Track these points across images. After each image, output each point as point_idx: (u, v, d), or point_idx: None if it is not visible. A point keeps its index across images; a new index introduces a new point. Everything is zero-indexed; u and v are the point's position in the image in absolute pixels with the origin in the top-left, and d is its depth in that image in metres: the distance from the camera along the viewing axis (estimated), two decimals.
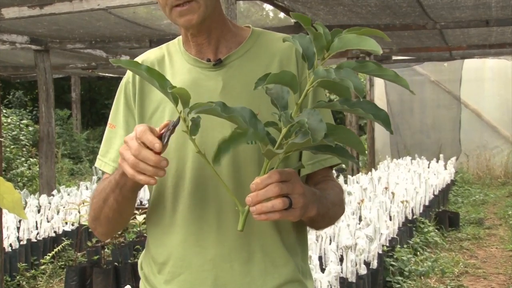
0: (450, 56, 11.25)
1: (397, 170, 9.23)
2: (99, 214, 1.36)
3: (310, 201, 1.18)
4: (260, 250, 1.33)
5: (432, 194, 7.75)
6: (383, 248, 4.87)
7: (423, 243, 6.17)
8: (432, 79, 12.69)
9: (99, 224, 1.39)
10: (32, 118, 13.65)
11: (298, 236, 1.40)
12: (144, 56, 1.45)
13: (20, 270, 5.30)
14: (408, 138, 12.79)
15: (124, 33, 7.51)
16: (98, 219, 1.37)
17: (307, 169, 1.36)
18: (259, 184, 1.10)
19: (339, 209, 1.37)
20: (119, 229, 1.44)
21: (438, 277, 5.26)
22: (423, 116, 12.83)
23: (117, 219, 1.36)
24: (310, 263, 3.58)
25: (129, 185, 1.27)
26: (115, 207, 1.32)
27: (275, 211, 1.10)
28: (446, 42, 9.27)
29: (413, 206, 6.65)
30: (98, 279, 4.63)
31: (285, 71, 1.12)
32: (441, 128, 12.57)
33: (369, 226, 4.82)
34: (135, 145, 1.14)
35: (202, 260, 1.32)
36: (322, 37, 1.07)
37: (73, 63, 10.88)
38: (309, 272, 1.45)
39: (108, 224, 1.37)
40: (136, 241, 5.56)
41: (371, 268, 4.38)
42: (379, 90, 12.72)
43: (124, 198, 1.30)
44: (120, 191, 1.29)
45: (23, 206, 1.33)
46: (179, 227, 1.34)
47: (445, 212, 7.48)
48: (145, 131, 1.14)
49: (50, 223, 6.08)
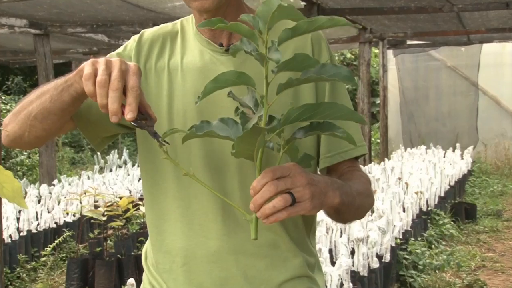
0: (468, 41, 11.18)
1: (411, 159, 9.21)
2: (23, 109, 1.30)
3: (329, 189, 1.17)
4: (267, 244, 1.33)
5: (447, 185, 7.74)
6: (396, 241, 4.87)
7: (438, 235, 6.17)
8: (448, 65, 12.62)
9: (14, 119, 1.32)
10: None
11: (306, 229, 1.40)
12: (159, 29, 1.44)
13: (20, 262, 5.35)
14: (423, 126, 12.74)
15: (127, 16, 7.50)
16: (18, 114, 1.31)
17: (325, 162, 1.36)
18: (255, 187, 1.09)
19: (366, 200, 1.35)
20: (28, 140, 1.33)
21: (454, 271, 5.26)
22: (438, 103, 12.77)
23: (38, 121, 1.29)
24: (320, 256, 3.59)
25: (74, 87, 1.22)
26: (45, 105, 1.26)
27: (279, 211, 1.09)
28: (463, 26, 9.21)
29: (428, 197, 6.64)
30: (101, 271, 4.67)
31: (298, 54, 1.10)
32: (457, 116, 12.52)
33: (382, 218, 4.82)
34: (120, 83, 1.12)
35: (206, 251, 1.32)
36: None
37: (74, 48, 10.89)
38: (319, 265, 1.45)
39: (23, 123, 1.30)
40: (140, 233, 5.59)
41: (384, 262, 4.38)
42: (392, 77, 12.67)
43: (59, 100, 1.24)
44: (62, 90, 1.23)
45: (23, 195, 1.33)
46: (183, 216, 1.34)
47: (462, 204, 7.46)
48: (136, 94, 1.12)
49: (51, 213, 6.12)
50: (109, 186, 7.85)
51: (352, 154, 1.37)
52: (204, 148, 1.31)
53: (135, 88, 1.13)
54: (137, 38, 1.43)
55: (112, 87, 1.12)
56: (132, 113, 1.12)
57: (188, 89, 1.33)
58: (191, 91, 1.32)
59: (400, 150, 10.33)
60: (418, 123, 12.79)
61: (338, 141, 1.35)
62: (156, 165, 1.36)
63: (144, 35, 1.43)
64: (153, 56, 1.40)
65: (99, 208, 5.25)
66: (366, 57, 9.59)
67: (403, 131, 12.87)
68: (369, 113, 9.58)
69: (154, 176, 1.38)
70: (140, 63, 1.39)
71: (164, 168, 1.35)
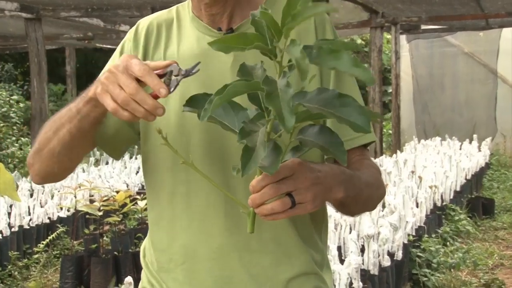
0: (487, 25, 11.12)
1: (425, 152, 9.20)
2: (44, 146, 1.34)
3: (334, 183, 1.17)
4: (272, 240, 1.33)
5: (464, 179, 7.73)
6: (408, 237, 4.88)
7: (453, 232, 6.17)
8: (465, 51, 12.58)
9: (39, 159, 1.36)
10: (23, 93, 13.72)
11: (315, 225, 1.40)
12: (154, 18, 1.44)
13: (12, 259, 5.37)
14: (438, 116, 12.72)
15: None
16: (40, 152, 1.35)
17: None
18: (254, 187, 1.10)
19: (375, 191, 1.35)
20: (59, 173, 1.40)
21: (470, 270, 5.26)
22: (455, 92, 12.74)
23: (63, 156, 1.33)
24: (328, 254, 3.59)
25: (92, 116, 1.25)
26: (66, 139, 1.30)
27: (277, 213, 1.10)
28: (482, 9, 9.16)
29: (443, 191, 6.63)
30: (97, 269, 4.69)
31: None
32: (475, 105, 12.48)
33: (394, 213, 4.82)
34: (132, 83, 1.13)
35: (207, 248, 1.33)
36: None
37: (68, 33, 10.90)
38: (327, 263, 1.46)
39: (49, 160, 1.34)
40: (138, 229, 5.61)
41: (396, 260, 4.39)
42: (405, 64, 12.64)
43: (79, 131, 1.28)
44: (79, 122, 1.27)
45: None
46: (183, 212, 1.34)
47: (479, 199, 7.46)
48: (148, 71, 1.13)
49: (44, 208, 6.14)
50: (105, 180, 7.86)
51: (360, 141, 1.37)
52: (204, 136, 1.31)
53: (144, 72, 1.13)
54: (133, 32, 1.44)
55: (132, 94, 1.13)
56: (163, 89, 1.13)
57: (185, 79, 1.33)
58: (189, 81, 1.32)
59: (413, 142, 10.31)
60: (433, 113, 12.76)
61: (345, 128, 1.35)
62: (157, 159, 1.37)
63: (139, 27, 1.44)
64: (150, 49, 1.41)
65: (94, 203, 5.26)
66: (378, 43, 9.56)
67: (416, 122, 12.85)
68: (380, 103, 9.57)
69: (154, 171, 1.38)
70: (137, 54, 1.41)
71: (164, 162, 1.35)
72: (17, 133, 10.88)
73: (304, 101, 1.07)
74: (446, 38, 12.60)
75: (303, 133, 1.12)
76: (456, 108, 12.70)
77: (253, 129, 1.08)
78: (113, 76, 1.15)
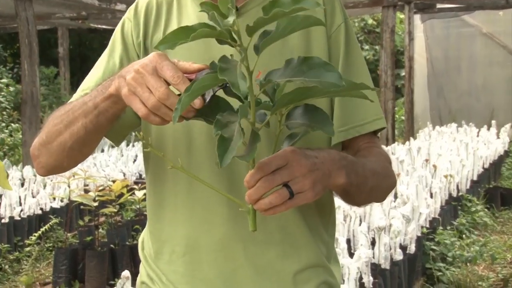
0: (507, 3, 11.06)
1: (439, 139, 9.19)
2: (52, 140, 1.34)
3: (334, 168, 1.17)
4: (279, 230, 1.33)
5: (481, 168, 7.72)
6: (422, 230, 4.88)
7: (469, 224, 6.17)
8: (484, 31, 12.52)
9: (46, 152, 1.36)
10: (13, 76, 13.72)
11: (322, 217, 1.41)
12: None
13: (2, 252, 5.40)
14: (454, 101, 12.69)
15: None
16: (48, 145, 1.35)
17: (339, 137, 1.35)
18: (249, 182, 1.10)
19: (384, 180, 1.34)
20: (68, 166, 1.41)
21: (487, 264, 5.27)
22: (472, 75, 12.69)
23: (75, 150, 1.34)
24: (337, 247, 3.61)
25: (110, 113, 1.25)
26: (80, 134, 1.29)
27: (276, 206, 1.10)
28: None
29: (459, 181, 6.63)
30: (92, 263, 4.71)
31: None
32: (493, 89, 12.44)
33: (406, 204, 4.82)
34: (162, 87, 1.11)
35: (210, 238, 1.33)
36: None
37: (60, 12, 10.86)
38: (335, 256, 1.46)
39: (59, 154, 1.35)
40: (135, 220, 5.62)
41: (408, 253, 4.40)
42: (419, 45, 12.58)
43: (95, 127, 1.28)
44: (96, 117, 1.26)
45: None
46: (184, 201, 1.35)
47: (497, 189, 7.45)
48: (182, 79, 1.11)
49: (36, 198, 6.16)
50: (101, 168, 7.88)
51: (369, 127, 1.37)
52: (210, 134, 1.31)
53: (178, 80, 1.11)
54: (132, 11, 1.44)
55: (162, 100, 1.11)
56: (197, 100, 1.11)
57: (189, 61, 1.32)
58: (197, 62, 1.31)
59: (427, 129, 10.30)
60: (448, 97, 12.73)
61: (354, 113, 1.35)
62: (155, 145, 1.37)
63: (138, 5, 1.44)
64: (149, 28, 1.41)
65: (89, 193, 5.28)
66: (390, 23, 9.52)
67: (431, 107, 12.81)
68: (392, 87, 9.54)
69: (155, 157, 1.39)
70: (139, 40, 1.41)
71: (165, 148, 1.36)
72: (7, 118, 10.90)
73: (276, 77, 1.08)
74: (463, 17, 12.53)
75: (290, 117, 1.14)
76: (473, 92, 12.66)
77: (230, 120, 1.08)
78: (141, 78, 1.14)
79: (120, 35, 1.43)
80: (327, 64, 1.04)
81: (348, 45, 1.37)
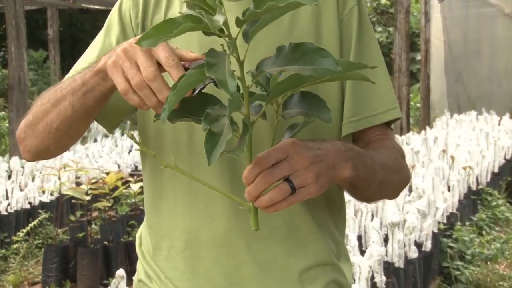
0: None
1: (458, 128, 9.18)
2: (39, 120, 1.34)
3: (339, 159, 1.16)
4: (285, 225, 1.34)
5: (503, 159, 7.71)
6: (439, 226, 4.89)
7: (490, 220, 6.17)
8: (506, 12, 12.47)
9: (32, 133, 1.36)
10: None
11: (332, 213, 1.41)
12: None
13: None
14: (473, 87, 12.66)
15: None
16: (34, 126, 1.35)
17: (349, 128, 1.35)
18: (247, 178, 1.10)
19: (395, 175, 1.34)
20: (54, 150, 1.40)
21: (509, 263, 5.27)
22: (493, 59, 12.66)
23: (61, 132, 1.33)
24: (347, 244, 3.61)
25: (98, 91, 1.25)
26: (67, 114, 1.29)
27: (278, 202, 1.09)
28: None
29: (478, 173, 6.62)
30: (84, 261, 4.72)
31: None
32: None
33: (422, 198, 4.82)
34: (151, 67, 1.11)
35: (211, 233, 1.34)
36: None
37: None
38: (345, 254, 1.46)
39: (45, 136, 1.35)
40: (131, 215, 5.64)
41: (424, 251, 4.40)
42: (436, 27, 12.55)
43: (82, 106, 1.27)
44: (83, 95, 1.26)
45: None
46: (185, 193, 1.35)
47: None
48: (177, 62, 1.11)
49: (24, 192, 6.17)
50: (94, 160, 7.89)
51: (382, 118, 1.36)
52: None
53: (171, 62, 1.12)
54: None
55: (148, 80, 1.11)
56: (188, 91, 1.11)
57: (192, 45, 1.31)
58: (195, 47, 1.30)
59: (445, 117, 10.29)
60: (467, 83, 12.70)
61: (366, 102, 1.35)
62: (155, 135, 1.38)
63: None
64: (149, 9, 1.41)
65: (81, 186, 5.29)
66: (405, 2, 9.49)
67: (448, 94, 12.79)
68: (407, 72, 9.52)
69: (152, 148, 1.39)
70: (138, 20, 1.41)
71: (163, 138, 1.36)
72: None
73: (267, 67, 1.08)
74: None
75: (286, 106, 1.14)
76: (494, 78, 12.63)
77: (221, 114, 1.08)
78: (132, 52, 1.14)
79: (118, 14, 1.43)
80: (320, 50, 1.04)
81: (361, 29, 1.37)
